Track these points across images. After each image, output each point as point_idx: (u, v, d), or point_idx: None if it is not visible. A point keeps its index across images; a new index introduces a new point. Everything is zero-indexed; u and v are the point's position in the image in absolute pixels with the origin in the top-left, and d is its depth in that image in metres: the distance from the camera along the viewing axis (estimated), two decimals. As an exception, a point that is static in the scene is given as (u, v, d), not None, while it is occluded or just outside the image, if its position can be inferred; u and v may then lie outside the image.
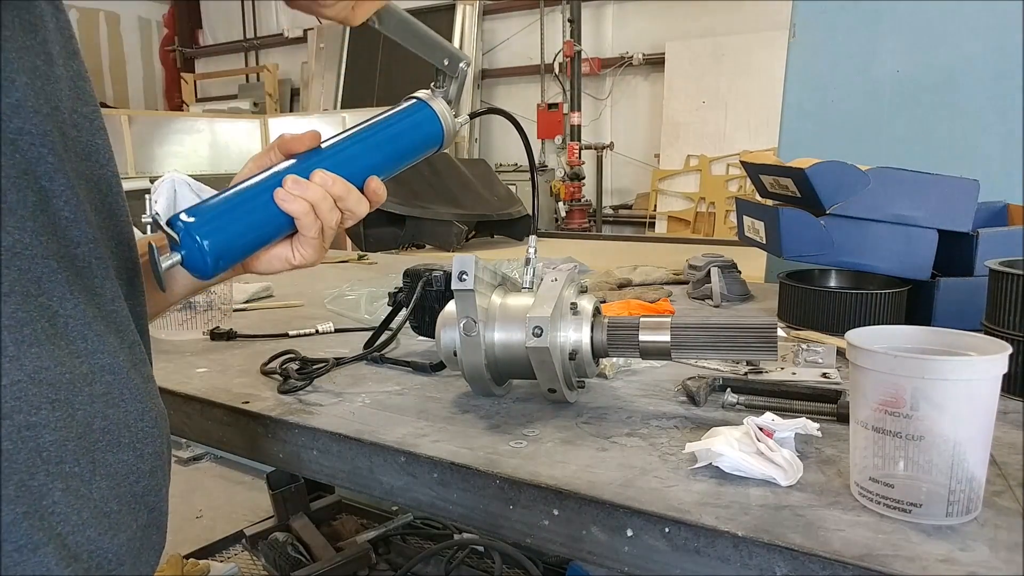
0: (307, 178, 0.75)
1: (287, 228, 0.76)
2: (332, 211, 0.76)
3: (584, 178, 8.00)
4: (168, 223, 0.70)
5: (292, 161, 0.77)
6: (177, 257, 0.70)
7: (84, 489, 0.55)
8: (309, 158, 0.77)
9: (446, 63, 0.86)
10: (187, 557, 2.41)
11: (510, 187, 6.07)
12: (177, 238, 0.70)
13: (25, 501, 0.51)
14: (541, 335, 0.87)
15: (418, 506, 0.84)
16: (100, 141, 0.62)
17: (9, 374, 0.51)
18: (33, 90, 0.54)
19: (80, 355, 0.56)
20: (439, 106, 0.86)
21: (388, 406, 0.98)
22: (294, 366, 1.11)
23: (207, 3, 11.84)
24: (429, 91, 0.87)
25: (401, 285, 1.24)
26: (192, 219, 0.70)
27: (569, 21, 7.96)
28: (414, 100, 0.86)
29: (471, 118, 0.94)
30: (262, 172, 0.76)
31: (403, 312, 1.21)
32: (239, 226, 0.73)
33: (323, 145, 0.80)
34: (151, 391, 0.64)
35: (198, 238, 0.70)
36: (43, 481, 0.52)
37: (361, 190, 0.79)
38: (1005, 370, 0.62)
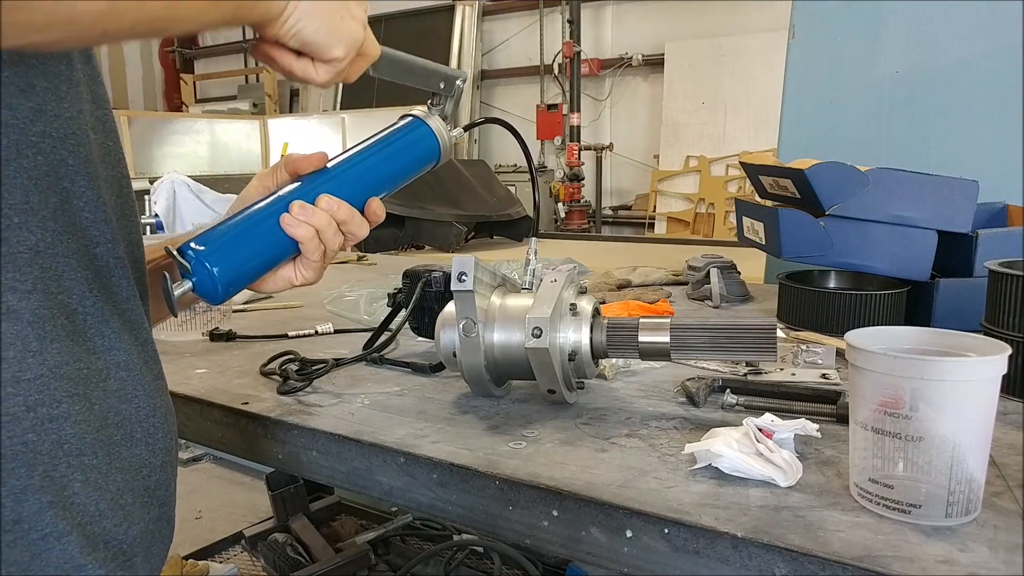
0: (312, 202, 0.75)
1: (294, 251, 0.76)
2: (336, 235, 0.76)
3: (583, 179, 8.00)
4: (179, 251, 0.71)
5: (296, 184, 0.77)
6: (188, 285, 0.71)
7: (102, 481, 0.57)
8: (313, 181, 0.78)
9: (442, 86, 0.86)
10: (186, 558, 2.41)
11: (509, 188, 6.08)
12: (188, 266, 0.70)
13: (50, 491, 0.53)
14: (540, 336, 0.87)
15: (417, 507, 0.84)
16: (113, 143, 0.63)
17: (32, 368, 0.52)
18: (55, 95, 0.56)
19: (96, 352, 0.58)
20: (435, 124, 0.86)
21: (387, 407, 0.98)
22: (293, 367, 1.11)
23: (207, 4, 11.83)
24: (425, 108, 0.87)
25: (400, 286, 1.24)
26: (202, 247, 0.71)
27: (569, 22, 7.96)
28: (411, 118, 0.86)
29: (465, 130, 0.94)
30: (268, 196, 0.77)
31: (402, 313, 1.21)
32: (247, 252, 0.74)
33: (328, 165, 0.80)
34: (161, 388, 0.66)
35: (208, 265, 0.70)
36: (65, 472, 0.54)
37: (362, 211, 0.79)
38: (1004, 371, 0.62)
